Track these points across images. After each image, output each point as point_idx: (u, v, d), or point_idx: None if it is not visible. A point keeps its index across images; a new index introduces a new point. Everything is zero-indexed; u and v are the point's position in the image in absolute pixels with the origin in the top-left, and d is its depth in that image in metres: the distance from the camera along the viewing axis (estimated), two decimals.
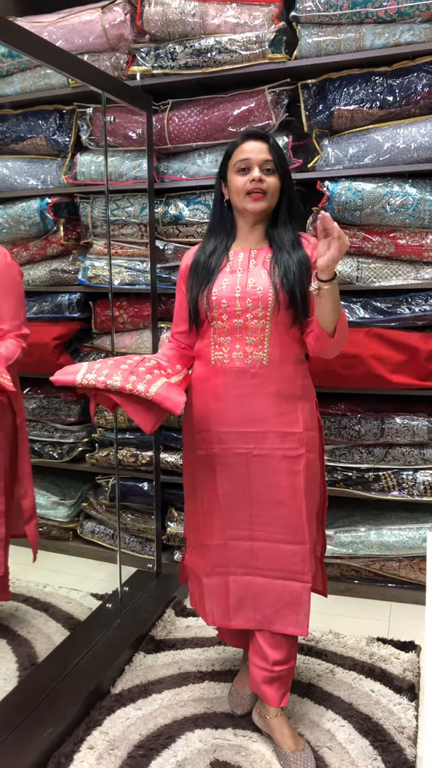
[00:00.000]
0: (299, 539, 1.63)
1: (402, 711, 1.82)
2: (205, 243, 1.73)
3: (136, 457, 2.66)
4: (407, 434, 2.33)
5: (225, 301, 1.61)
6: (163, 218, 2.48)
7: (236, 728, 1.77)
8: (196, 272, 1.68)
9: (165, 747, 1.70)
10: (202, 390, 1.68)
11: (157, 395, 1.47)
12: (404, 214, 2.19)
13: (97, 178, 2.55)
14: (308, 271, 1.60)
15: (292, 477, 1.62)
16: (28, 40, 1.62)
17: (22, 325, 2.00)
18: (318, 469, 1.72)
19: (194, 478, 1.75)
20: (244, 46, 2.24)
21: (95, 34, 2.39)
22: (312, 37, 2.20)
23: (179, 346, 1.77)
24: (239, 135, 1.67)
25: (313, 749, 1.69)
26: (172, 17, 2.28)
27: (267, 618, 1.66)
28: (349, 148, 2.24)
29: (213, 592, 1.71)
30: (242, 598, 1.68)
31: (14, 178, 2.70)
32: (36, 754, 1.61)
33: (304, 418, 1.65)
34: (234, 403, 1.63)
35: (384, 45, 2.15)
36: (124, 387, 1.47)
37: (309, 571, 1.63)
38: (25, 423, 2.09)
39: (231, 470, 1.65)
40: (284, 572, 1.64)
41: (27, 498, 2.07)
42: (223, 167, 1.68)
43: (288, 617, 1.64)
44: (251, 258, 1.64)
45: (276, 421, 1.62)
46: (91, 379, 1.49)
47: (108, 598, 2.37)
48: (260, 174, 1.58)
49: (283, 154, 1.64)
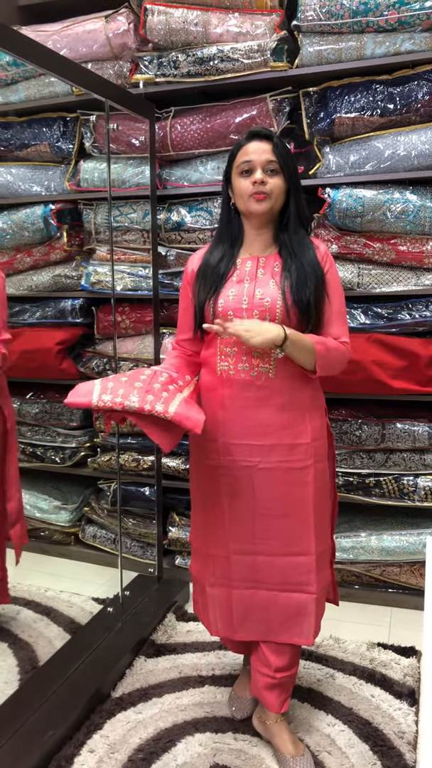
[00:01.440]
0: (304, 550, 1.61)
1: (402, 716, 1.82)
2: (212, 248, 1.69)
3: (138, 461, 2.67)
4: (408, 440, 2.34)
5: (231, 313, 1.57)
6: (166, 225, 2.50)
7: (236, 732, 1.78)
8: (203, 278, 1.64)
9: (165, 751, 1.71)
10: (209, 399, 1.65)
11: (177, 415, 1.43)
12: (405, 220, 2.20)
13: (100, 184, 2.58)
14: (322, 280, 1.57)
15: (300, 488, 1.60)
16: (33, 50, 1.64)
17: (2, 329, 1.98)
18: (328, 478, 1.70)
19: (200, 486, 1.73)
20: (246, 54, 2.26)
21: (99, 43, 2.42)
22: (313, 46, 2.22)
23: (185, 354, 1.73)
24: (242, 135, 1.62)
25: (313, 754, 1.69)
26: (174, 26, 2.31)
27: (272, 629, 1.65)
28: (350, 155, 2.26)
29: (216, 603, 1.70)
30: (246, 611, 1.66)
31: (18, 184, 2.72)
32: (36, 757, 1.62)
33: (313, 428, 1.61)
34: (240, 414, 1.59)
35: (384, 54, 2.17)
36: (142, 408, 1.43)
37: (314, 582, 1.61)
38: (14, 427, 2.10)
39: (236, 483, 1.62)
40: (289, 584, 1.63)
41: (13, 501, 2.08)
42: (227, 170, 1.64)
43: (293, 628, 1.64)
44: (259, 267, 1.60)
45: (283, 434, 1.59)
46: (107, 401, 1.44)
47: (109, 602, 2.38)
48: (263, 175, 1.54)
49: (288, 153, 1.59)
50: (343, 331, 1.63)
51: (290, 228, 1.61)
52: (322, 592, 1.67)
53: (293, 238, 1.61)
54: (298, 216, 1.62)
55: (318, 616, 1.66)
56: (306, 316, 1.56)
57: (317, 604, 1.63)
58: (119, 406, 1.44)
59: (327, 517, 1.70)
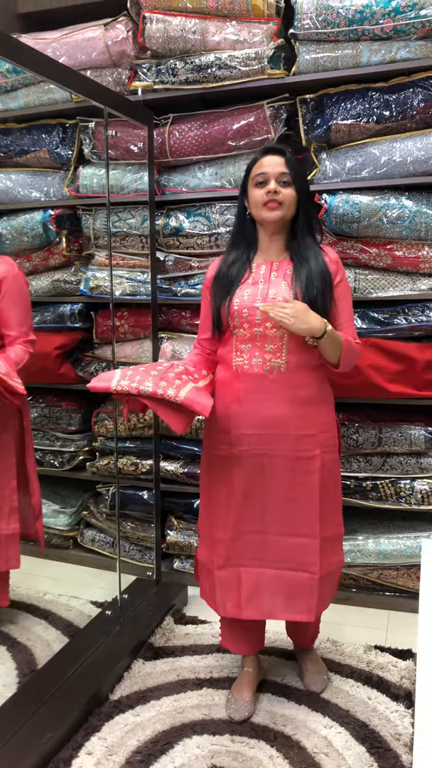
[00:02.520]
0: (309, 533, 1.73)
1: (399, 718, 1.83)
2: (228, 254, 1.83)
3: (137, 465, 2.68)
4: (405, 443, 2.35)
5: (246, 311, 1.70)
6: (164, 230, 2.52)
7: (234, 734, 1.78)
8: (219, 282, 1.78)
9: (163, 753, 1.71)
10: (224, 393, 1.77)
11: (186, 399, 1.58)
12: (401, 226, 2.22)
13: (99, 190, 2.60)
14: (329, 283, 1.70)
15: (306, 476, 1.72)
16: (32, 58, 1.66)
17: (29, 331, 2.10)
18: (338, 468, 1.84)
19: (211, 476, 1.83)
20: (243, 62, 2.28)
21: (98, 51, 2.44)
22: (310, 54, 2.24)
23: (204, 352, 1.88)
24: (258, 151, 1.77)
25: (310, 755, 1.70)
26: (173, 34, 2.33)
27: (276, 606, 1.77)
28: (347, 161, 2.28)
29: (224, 584, 1.80)
30: (253, 589, 1.77)
31: (18, 190, 2.74)
32: (34, 759, 1.62)
33: (321, 421, 1.75)
34: (254, 406, 1.72)
35: (380, 61, 2.19)
36: (155, 392, 1.59)
37: (318, 564, 1.73)
38: (30, 424, 2.18)
39: (247, 469, 1.74)
40: (294, 563, 1.74)
41: (35, 495, 2.18)
42: (244, 182, 1.78)
43: (296, 605, 1.76)
44: (273, 270, 1.74)
45: (293, 425, 1.71)
46: (125, 386, 1.61)
47: (107, 605, 2.38)
48: (276, 186, 1.68)
49: (300, 167, 1.74)
50: (354, 333, 1.80)
51: (300, 236, 1.76)
52: (328, 575, 1.78)
53: (303, 245, 1.75)
54: (308, 225, 1.77)
55: (322, 597, 1.77)
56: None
57: (320, 584, 1.74)
58: (135, 390, 1.60)
59: (336, 505, 1.83)
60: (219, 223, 2.44)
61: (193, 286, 2.53)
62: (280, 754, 1.71)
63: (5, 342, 2.07)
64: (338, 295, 1.74)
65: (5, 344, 2.07)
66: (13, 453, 2.11)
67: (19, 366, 1.99)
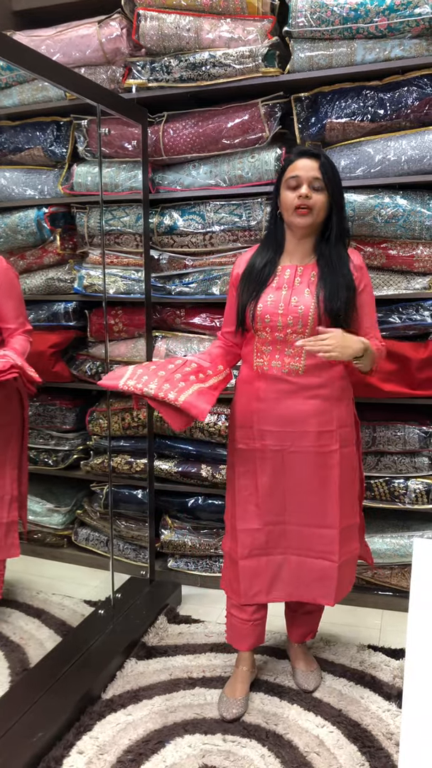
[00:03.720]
0: (330, 524, 1.80)
1: (391, 717, 1.83)
2: (258, 253, 1.86)
3: (131, 464, 2.68)
4: (398, 443, 2.35)
5: (268, 317, 1.75)
6: (158, 228, 2.51)
7: (226, 734, 1.78)
8: (246, 282, 1.82)
9: (154, 752, 1.71)
10: (246, 391, 1.84)
11: (185, 403, 1.62)
12: (395, 225, 2.22)
13: (93, 188, 2.59)
14: (353, 291, 1.74)
15: (326, 470, 1.79)
16: (24, 55, 1.65)
17: (25, 321, 2.16)
18: (356, 461, 1.90)
19: (235, 470, 1.89)
20: (237, 60, 2.28)
21: (92, 48, 2.43)
22: (304, 52, 2.24)
23: (226, 344, 1.94)
24: (294, 152, 1.79)
25: (302, 754, 1.70)
26: (167, 32, 2.33)
27: (299, 588, 1.85)
28: (341, 160, 2.28)
29: (248, 573, 1.86)
30: (276, 574, 1.86)
31: (12, 188, 2.73)
32: (26, 758, 1.62)
33: (339, 417, 1.80)
34: (274, 405, 1.79)
35: (375, 60, 2.18)
36: (157, 395, 1.65)
37: (337, 552, 1.80)
38: (28, 416, 2.22)
39: (269, 464, 1.81)
40: (314, 551, 1.82)
41: (23, 484, 2.22)
42: (277, 183, 1.80)
43: (317, 590, 1.84)
44: (297, 275, 1.77)
45: (312, 422, 1.77)
46: (131, 385, 1.68)
47: (101, 604, 2.38)
48: (308, 190, 1.70)
49: (334, 171, 1.75)
50: (379, 334, 1.86)
51: (331, 241, 1.78)
52: (346, 565, 1.86)
53: (333, 251, 1.77)
54: (340, 231, 1.78)
55: (341, 583, 1.85)
56: (336, 324, 1.71)
57: (339, 572, 1.81)
58: (139, 391, 1.67)
59: (355, 497, 1.90)
60: (213, 222, 2.43)
61: (187, 284, 2.52)
62: (271, 753, 1.71)
63: (4, 335, 2.10)
64: (362, 301, 1.79)
65: (5, 337, 2.10)
66: (16, 444, 2.16)
67: (25, 355, 2.07)
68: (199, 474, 2.55)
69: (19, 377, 1.92)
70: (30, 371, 1.95)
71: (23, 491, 2.21)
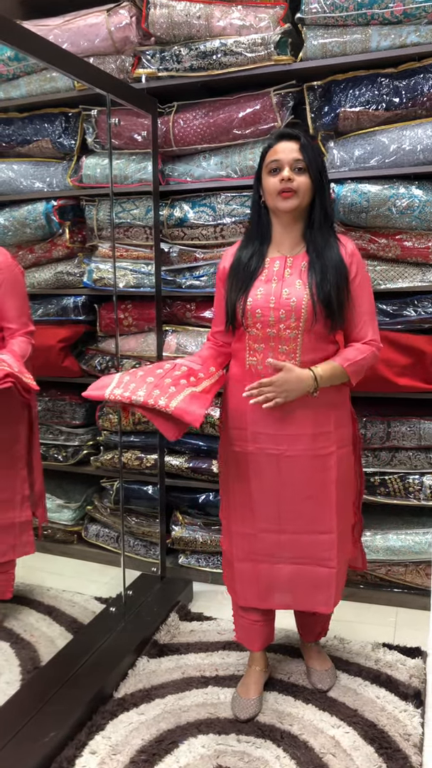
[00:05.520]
0: (326, 529, 1.72)
1: (408, 718, 1.80)
2: (243, 246, 1.76)
3: (141, 460, 2.65)
4: (413, 438, 2.31)
5: (259, 311, 1.65)
6: (168, 221, 2.48)
7: (240, 734, 1.76)
8: (234, 276, 1.72)
9: (168, 752, 1.69)
10: (238, 390, 1.72)
11: (177, 410, 1.53)
12: (410, 216, 2.17)
13: (103, 180, 2.55)
14: (344, 277, 1.64)
15: (323, 473, 1.70)
16: (35, 43, 1.62)
17: (28, 321, 2.09)
18: (352, 462, 1.81)
19: (229, 470, 1.82)
20: (249, 48, 2.23)
21: (101, 37, 2.39)
22: (317, 39, 2.19)
23: (216, 344, 1.84)
24: (272, 135, 1.70)
25: (318, 756, 1.67)
26: (177, 20, 2.28)
27: (296, 598, 1.79)
28: (355, 150, 2.23)
29: (244, 576, 1.81)
30: (272, 584, 1.78)
31: (20, 180, 2.70)
32: (38, 758, 1.60)
33: (336, 417, 1.72)
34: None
35: (390, 46, 2.13)
36: (146, 402, 1.55)
37: (335, 558, 1.73)
38: (37, 415, 2.19)
39: (263, 468, 1.73)
40: (312, 559, 1.74)
41: (37, 483, 2.18)
42: (258, 170, 1.71)
43: (315, 597, 1.77)
44: (287, 267, 1.67)
45: (308, 423, 1.68)
46: (118, 394, 1.58)
47: (112, 601, 2.36)
48: (290, 173, 1.61)
49: (316, 153, 1.66)
50: (374, 330, 1.73)
51: (316, 225, 1.68)
52: (343, 566, 1.81)
53: (319, 235, 1.68)
54: (325, 213, 1.69)
55: (338, 588, 1.79)
56: (331, 315, 1.63)
57: (337, 577, 1.76)
58: (127, 399, 1.57)
59: (350, 499, 1.83)
60: (224, 214, 2.39)
61: (198, 278, 2.48)
62: (287, 754, 1.68)
63: (5, 335, 2.05)
64: (355, 290, 1.67)
65: (5, 336, 2.05)
66: (24, 443, 2.12)
67: (25, 359, 2.00)
68: (210, 470, 2.51)
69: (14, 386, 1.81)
70: (26, 378, 1.84)
71: (37, 489, 2.17)
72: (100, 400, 1.62)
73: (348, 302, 1.66)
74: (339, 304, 1.63)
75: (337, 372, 1.64)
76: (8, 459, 2.08)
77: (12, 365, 1.85)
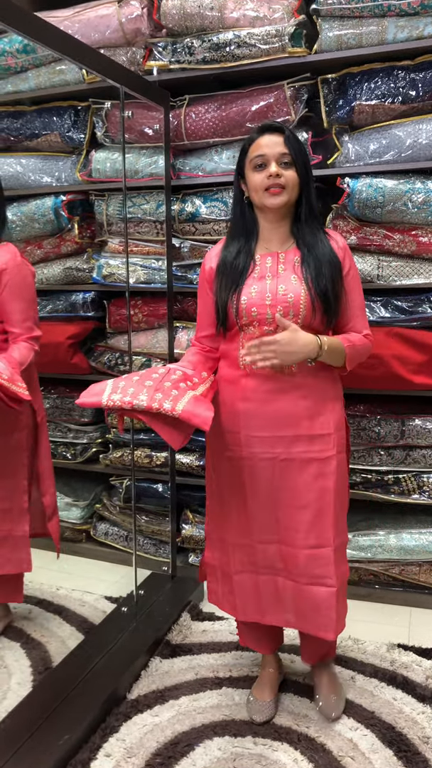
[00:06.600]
0: (324, 542, 1.62)
1: (426, 720, 1.77)
2: (228, 244, 1.69)
3: (151, 458, 2.62)
4: (428, 436, 2.28)
5: (255, 309, 1.58)
6: (180, 215, 2.44)
7: (256, 736, 1.73)
8: (222, 275, 1.64)
9: (183, 755, 1.66)
10: (229, 391, 1.66)
11: (185, 412, 1.42)
12: (426, 211, 2.14)
13: (112, 175, 2.52)
14: (338, 270, 1.59)
15: (321, 479, 1.61)
16: (50, 34, 1.59)
17: (33, 326, 1.97)
18: (347, 469, 1.74)
19: (220, 478, 1.73)
20: (263, 40, 2.20)
21: (111, 29, 2.35)
22: (333, 31, 2.15)
23: (203, 350, 1.75)
24: (254, 129, 1.63)
25: (336, 759, 1.64)
26: (189, 11, 2.25)
27: (298, 618, 1.69)
28: (370, 144, 2.20)
29: (245, 589, 1.73)
30: (273, 597, 1.70)
31: (28, 175, 2.66)
32: (52, 762, 1.57)
33: (336, 419, 1.65)
34: (262, 405, 1.61)
35: (407, 38, 2.10)
36: (150, 406, 1.43)
37: (334, 575, 1.62)
38: (45, 421, 2.10)
39: (258, 474, 1.64)
40: (310, 577, 1.63)
41: (48, 495, 2.09)
42: (240, 164, 1.64)
43: (317, 620, 1.65)
44: (280, 263, 1.61)
45: (306, 425, 1.61)
46: (116, 400, 1.45)
47: (123, 601, 2.33)
48: (277, 168, 1.55)
49: (301, 145, 1.60)
50: (365, 324, 1.69)
51: (303, 219, 1.62)
52: (342, 587, 1.68)
53: (307, 230, 1.62)
54: (311, 208, 1.63)
55: (340, 612, 1.66)
56: (327, 307, 1.58)
57: (338, 598, 1.63)
58: (128, 405, 1.44)
59: (344, 511, 1.71)
60: None
61: None
62: (304, 757, 1.65)
63: (8, 338, 1.94)
64: (349, 284, 1.63)
65: (7, 339, 1.94)
66: (25, 452, 2.02)
67: (23, 366, 1.87)
68: None
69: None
70: (16, 387, 1.73)
71: (48, 501, 2.08)
72: (97, 406, 1.48)
73: (342, 295, 1.62)
74: (335, 298, 1.59)
75: (338, 349, 1.57)
76: (5, 467, 1.98)
77: (2, 372, 1.74)
